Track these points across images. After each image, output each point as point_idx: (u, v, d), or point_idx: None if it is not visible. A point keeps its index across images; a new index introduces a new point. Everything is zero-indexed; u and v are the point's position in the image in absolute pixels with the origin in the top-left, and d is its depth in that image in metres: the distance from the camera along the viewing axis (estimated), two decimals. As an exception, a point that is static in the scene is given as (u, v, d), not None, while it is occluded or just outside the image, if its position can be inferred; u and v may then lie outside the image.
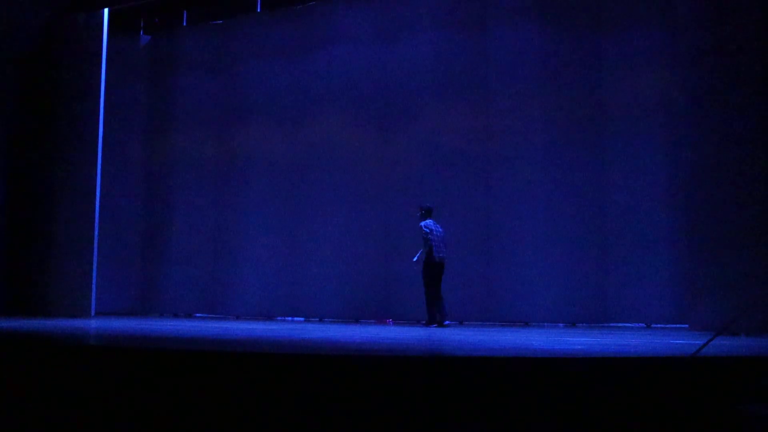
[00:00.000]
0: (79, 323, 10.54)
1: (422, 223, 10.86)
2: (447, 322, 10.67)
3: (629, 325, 11.12)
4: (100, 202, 13.10)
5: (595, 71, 11.68)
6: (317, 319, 13.12)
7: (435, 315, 10.64)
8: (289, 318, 13.47)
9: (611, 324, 11.26)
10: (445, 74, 12.62)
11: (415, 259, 10.82)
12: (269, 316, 13.53)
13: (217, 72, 14.77)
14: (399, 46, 13.08)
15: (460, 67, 12.52)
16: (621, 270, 11.21)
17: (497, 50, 12.29)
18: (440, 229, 10.96)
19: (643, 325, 11.09)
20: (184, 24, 15.25)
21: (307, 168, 13.64)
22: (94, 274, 12.84)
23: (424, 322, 11.03)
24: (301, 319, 13.21)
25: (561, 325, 11.41)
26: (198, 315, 14.26)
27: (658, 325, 10.91)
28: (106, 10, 13.43)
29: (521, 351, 6.09)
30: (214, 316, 14.07)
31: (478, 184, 12.24)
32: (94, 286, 12.82)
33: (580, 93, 11.73)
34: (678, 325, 10.60)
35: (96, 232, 12.91)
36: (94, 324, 10.48)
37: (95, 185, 12.92)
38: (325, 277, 13.15)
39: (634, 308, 11.17)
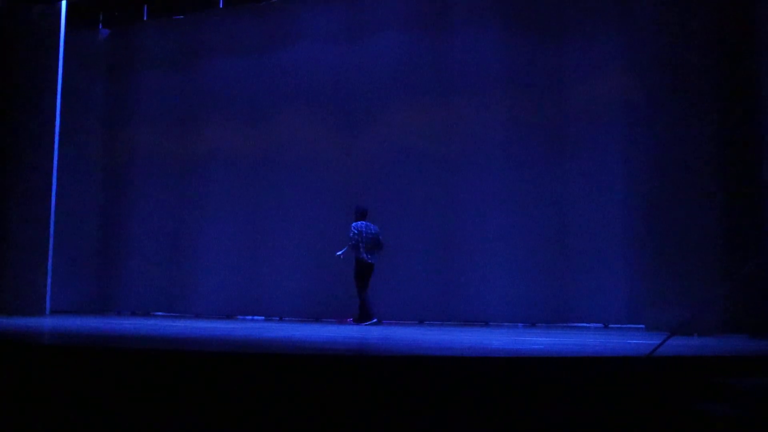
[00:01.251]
0: (32, 321, 10.40)
1: (352, 225, 11.14)
2: (374, 320, 10.93)
3: (587, 325, 11.19)
4: (57, 199, 12.88)
5: (556, 74, 11.73)
6: (278, 318, 13.06)
7: (370, 310, 10.87)
8: (249, 317, 13.38)
9: (570, 324, 11.32)
10: (409, 74, 12.58)
11: (338, 254, 11.14)
12: (229, 315, 13.40)
13: (178, 68, 14.62)
14: (363, 45, 13.03)
15: (424, 68, 12.50)
16: (580, 270, 11.24)
17: (461, 52, 12.27)
18: (373, 231, 11.15)
19: (601, 325, 11.14)
20: (145, 18, 15.06)
21: (270, 166, 13.55)
22: (50, 271, 12.63)
23: (352, 320, 11.30)
24: (261, 318, 13.15)
25: (521, 325, 11.44)
26: (156, 313, 14.12)
27: (615, 326, 11.01)
28: (63, 2, 13.15)
29: (479, 350, 6.09)
30: (172, 314, 13.89)
31: (440, 184, 12.25)
32: (49, 284, 12.61)
33: (541, 95, 11.76)
34: (634, 326, 10.70)
35: (52, 230, 12.68)
36: (48, 322, 10.34)
37: (51, 182, 12.68)
38: (287, 276, 13.08)
39: (592, 308, 11.19)
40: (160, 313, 14.08)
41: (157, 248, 14.27)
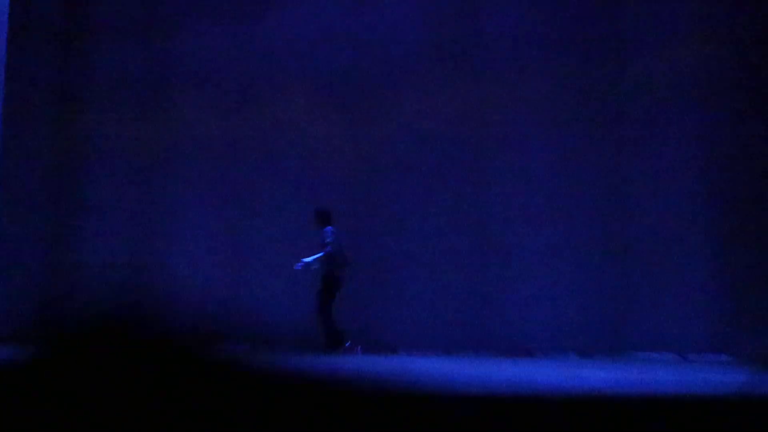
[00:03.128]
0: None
1: (328, 229, 11.20)
2: (347, 344, 11.07)
3: (657, 355, 11.21)
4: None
5: (610, 45, 11.82)
6: (266, 346, 12.92)
7: (339, 335, 11.00)
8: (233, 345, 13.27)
9: (636, 354, 11.33)
10: (431, 45, 12.64)
11: (305, 263, 11.13)
12: (209, 343, 13.37)
13: (143, 40, 14.58)
14: (371, 9, 13.08)
15: (449, 37, 12.57)
16: (647, 287, 11.38)
17: (494, 19, 12.38)
18: (341, 240, 11.34)
19: (674, 355, 11.18)
20: (105, -22, 15.23)
21: (255, 159, 13.54)
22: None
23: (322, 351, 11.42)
24: (246, 346, 13.01)
25: (573, 355, 11.50)
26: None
27: (692, 355, 11.04)
28: (5, -41, 13.37)
29: (523, 388, 6.07)
30: None
31: (469, 183, 12.40)
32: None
33: (592, 72, 11.87)
34: (718, 356, 10.68)
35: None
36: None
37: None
38: (278, 293, 12.96)
39: (664, 334, 11.25)
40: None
41: (117, 259, 14.03)
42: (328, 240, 11.12)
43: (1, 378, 3.63)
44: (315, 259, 11.25)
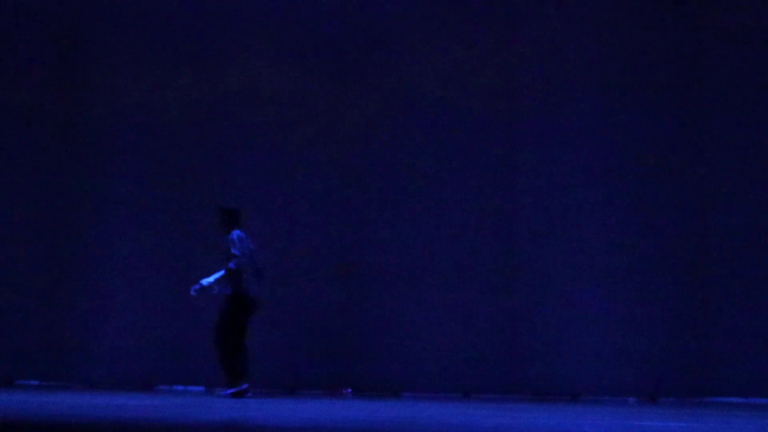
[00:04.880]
0: None
1: (234, 234, 11.23)
2: (245, 386, 11.17)
3: (741, 400, 11.16)
4: None
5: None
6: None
7: (241, 373, 11.12)
8: (179, 386, 13.24)
9: (713, 398, 11.29)
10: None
11: (205, 283, 11.33)
12: (145, 384, 13.37)
13: None
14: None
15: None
16: (725, 316, 11.32)
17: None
18: (252, 247, 11.40)
19: (761, 400, 11.11)
20: None
21: (216, 136, 13.51)
22: None
23: (227, 392, 11.34)
24: (200, 388, 12.99)
25: (631, 399, 11.45)
26: (25, 382, 13.99)
27: None
28: None
29: None
30: (50, 383, 13.80)
31: (493, 183, 12.38)
32: None
33: (663, 21, 11.86)
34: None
35: None
36: None
37: None
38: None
39: (749, 373, 11.17)
40: (32, 382, 13.97)
41: (24, 273, 14.02)
42: (234, 250, 11.13)
43: None
44: (216, 279, 11.24)
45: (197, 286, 11.31)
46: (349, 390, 12.21)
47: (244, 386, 11.00)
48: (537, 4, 12.50)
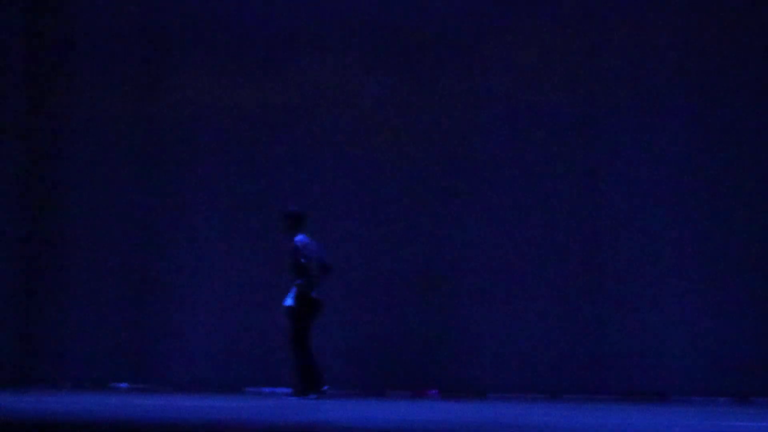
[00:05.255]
0: None
1: (298, 240, 11.28)
2: (326, 388, 11.18)
3: None
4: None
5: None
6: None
7: (312, 379, 11.13)
8: (267, 389, 13.26)
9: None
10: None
11: (290, 303, 11.28)
12: (234, 387, 13.40)
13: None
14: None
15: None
16: None
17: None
18: (317, 250, 11.46)
19: None
20: None
21: (287, 138, 13.57)
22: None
23: (292, 391, 11.50)
24: (287, 389, 12.72)
25: (721, 399, 11.27)
26: (117, 385, 14.11)
27: None
28: None
29: None
30: (140, 386, 13.96)
31: (572, 167, 12.32)
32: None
33: (748, 16, 11.77)
34: None
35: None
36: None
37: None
38: (326, 321, 12.56)
39: None
40: (122, 385, 14.09)
41: (112, 283, 14.23)
42: (298, 256, 11.18)
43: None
44: (297, 288, 11.18)
45: (289, 300, 11.27)
46: (436, 391, 12.18)
47: (312, 396, 11.07)
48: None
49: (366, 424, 7.65)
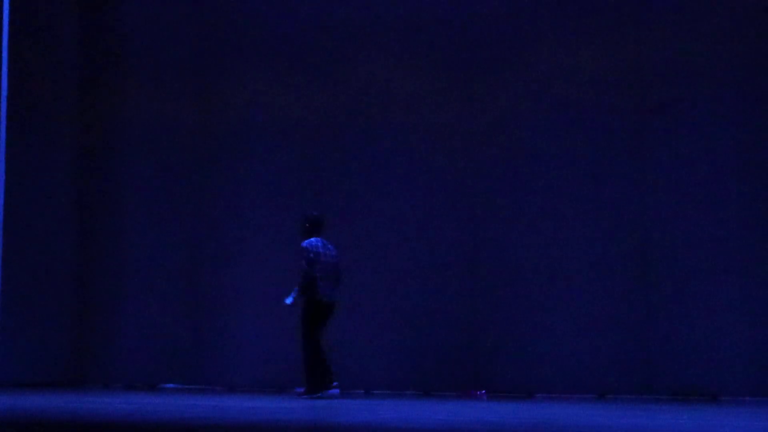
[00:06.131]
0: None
1: (306, 243, 11.55)
2: (335, 384, 11.42)
3: None
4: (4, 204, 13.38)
5: None
6: (362, 392, 13.10)
7: (318, 379, 11.37)
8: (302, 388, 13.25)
9: None
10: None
11: (289, 301, 11.51)
12: (283, 387, 13.51)
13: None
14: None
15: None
16: None
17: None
18: (332, 252, 11.68)
19: None
20: None
21: (347, 142, 13.69)
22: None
23: (301, 390, 11.75)
24: (335, 391, 13.00)
25: None
26: (166, 386, 14.31)
27: None
28: None
29: None
30: (192, 386, 14.15)
31: (624, 163, 12.38)
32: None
33: None
34: None
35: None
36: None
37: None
38: (375, 322, 13.14)
39: None
40: (171, 386, 14.28)
41: (162, 285, 14.46)
42: (308, 256, 11.36)
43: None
44: (296, 292, 11.44)
45: (288, 300, 11.50)
46: (484, 392, 12.20)
47: (318, 394, 11.30)
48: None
49: (412, 425, 7.65)
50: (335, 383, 11.34)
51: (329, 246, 11.63)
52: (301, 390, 11.69)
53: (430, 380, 13.02)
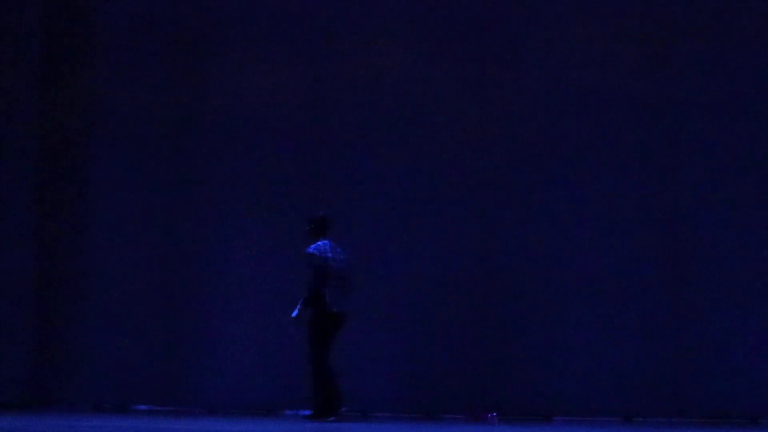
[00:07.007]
0: None
1: (312, 248, 11.20)
2: (344, 409, 11.18)
3: None
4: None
5: None
6: (358, 414, 12.89)
7: (330, 399, 11.05)
8: (306, 411, 12.67)
9: None
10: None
11: (295, 314, 11.21)
12: (268, 409, 13.38)
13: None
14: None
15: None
16: None
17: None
18: (341, 257, 11.34)
19: None
20: None
21: (342, 135, 13.55)
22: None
23: (307, 413, 11.49)
24: (308, 411, 12.65)
25: None
26: (138, 407, 14.16)
27: None
28: None
29: None
30: (168, 408, 13.97)
31: (658, 173, 12.30)
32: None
33: None
34: None
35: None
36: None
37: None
38: (374, 335, 12.91)
39: None
40: (143, 407, 14.13)
41: (135, 294, 14.28)
42: (316, 262, 11.02)
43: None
44: (301, 304, 11.14)
45: (295, 313, 11.20)
46: (495, 414, 11.78)
47: (331, 418, 10.99)
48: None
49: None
50: (344, 408, 11.09)
51: (338, 250, 11.25)
52: (308, 413, 11.41)
53: (435, 401, 12.86)
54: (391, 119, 13.45)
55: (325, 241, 11.31)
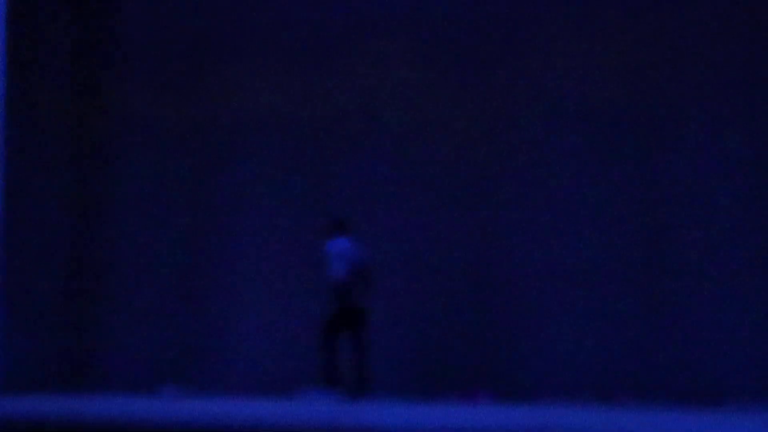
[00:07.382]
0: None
1: (332, 245, 11.35)
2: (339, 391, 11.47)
3: None
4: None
5: None
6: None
7: (334, 373, 11.35)
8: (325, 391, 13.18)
9: None
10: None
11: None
12: (287, 388, 13.56)
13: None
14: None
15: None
16: None
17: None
18: (361, 254, 11.48)
19: None
20: None
21: (344, 141, 13.69)
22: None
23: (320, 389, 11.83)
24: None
25: None
26: (166, 390, 14.27)
27: None
28: None
29: None
30: (193, 390, 14.15)
31: (630, 162, 12.39)
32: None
33: None
34: None
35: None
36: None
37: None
38: (376, 323, 13.09)
39: None
40: (171, 390, 14.25)
41: (161, 285, 14.50)
42: (331, 266, 11.29)
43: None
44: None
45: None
46: (487, 394, 12.20)
47: (338, 392, 11.38)
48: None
49: (411, 428, 7.60)
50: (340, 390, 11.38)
51: (358, 247, 11.43)
52: (319, 391, 11.83)
53: (432, 382, 12.99)
54: (393, 122, 13.49)
55: (345, 239, 11.40)
